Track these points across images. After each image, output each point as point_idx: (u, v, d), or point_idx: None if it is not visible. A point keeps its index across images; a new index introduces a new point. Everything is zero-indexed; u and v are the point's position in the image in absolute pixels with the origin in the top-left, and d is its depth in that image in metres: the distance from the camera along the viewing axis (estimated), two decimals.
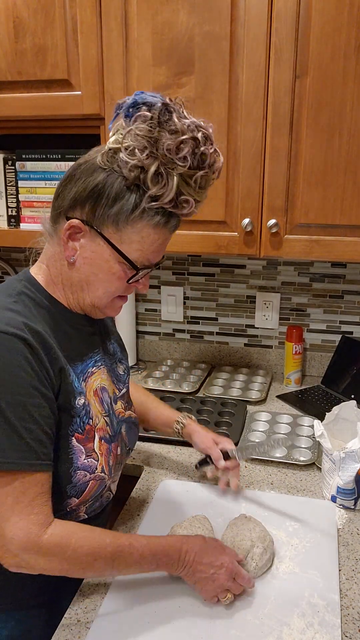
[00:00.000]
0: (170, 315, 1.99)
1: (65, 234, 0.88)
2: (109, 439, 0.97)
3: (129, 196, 0.84)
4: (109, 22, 1.39)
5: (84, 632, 0.86)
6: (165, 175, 0.82)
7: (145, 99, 0.83)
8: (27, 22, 1.44)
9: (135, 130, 0.82)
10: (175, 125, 0.81)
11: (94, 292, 0.91)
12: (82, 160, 0.89)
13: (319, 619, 0.88)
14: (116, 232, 0.86)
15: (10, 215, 1.68)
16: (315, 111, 1.33)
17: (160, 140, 0.81)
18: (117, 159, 0.84)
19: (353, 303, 1.82)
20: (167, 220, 0.87)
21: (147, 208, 0.84)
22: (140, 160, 0.81)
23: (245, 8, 1.30)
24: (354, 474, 1.13)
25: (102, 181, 0.85)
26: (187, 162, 0.82)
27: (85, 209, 0.86)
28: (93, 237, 0.87)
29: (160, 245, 0.90)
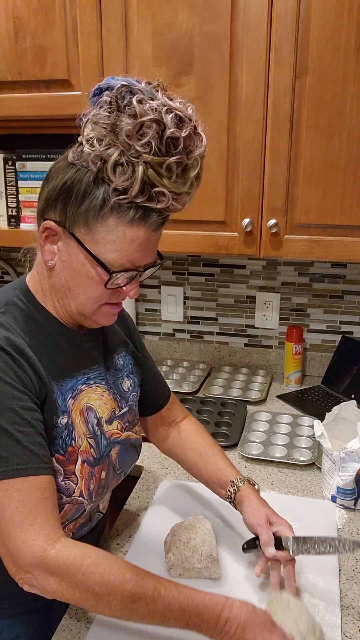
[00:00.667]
0: (170, 315, 1.99)
1: (42, 237, 0.82)
2: (92, 462, 0.89)
3: (96, 191, 0.76)
4: (109, 22, 1.39)
5: (84, 632, 0.86)
6: (129, 164, 0.73)
7: (109, 82, 0.75)
8: (27, 22, 1.44)
9: (93, 118, 0.75)
10: (134, 108, 0.72)
11: (75, 298, 0.84)
12: (60, 158, 0.83)
13: (319, 619, 0.88)
14: (88, 233, 0.79)
15: (10, 215, 1.68)
16: (315, 111, 1.33)
17: (118, 126, 0.72)
18: (82, 151, 0.77)
19: (353, 303, 1.82)
20: (145, 216, 0.78)
21: (117, 203, 0.76)
22: (99, 151, 0.74)
23: (245, 8, 1.30)
24: (354, 474, 1.13)
25: (70, 178, 0.78)
26: (152, 148, 0.72)
27: (57, 209, 0.80)
28: (67, 239, 0.81)
29: (143, 245, 0.80)
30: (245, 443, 1.41)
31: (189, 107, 0.77)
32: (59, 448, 0.84)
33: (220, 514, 1.14)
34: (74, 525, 0.90)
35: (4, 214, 1.68)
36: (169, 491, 1.22)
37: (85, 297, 0.84)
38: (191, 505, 1.17)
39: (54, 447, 0.84)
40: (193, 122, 0.76)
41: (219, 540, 1.05)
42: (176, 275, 1.96)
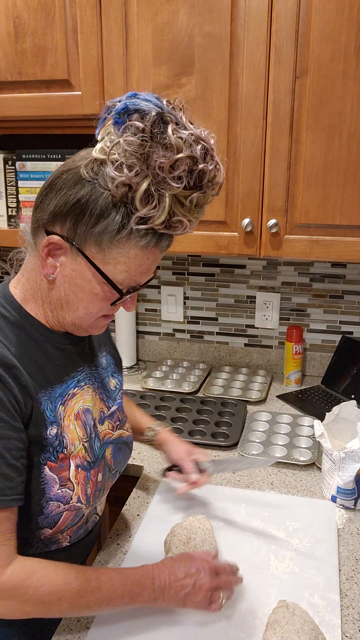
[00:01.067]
0: (170, 315, 1.99)
1: (44, 250, 0.80)
2: (87, 466, 0.89)
3: (115, 215, 0.75)
4: (109, 22, 1.39)
5: (84, 632, 0.86)
6: (157, 195, 0.73)
7: (138, 105, 0.73)
8: (27, 22, 1.44)
9: (124, 144, 0.72)
10: (170, 139, 0.71)
11: (74, 312, 0.84)
12: (65, 167, 0.80)
13: (319, 619, 0.88)
14: (99, 252, 0.78)
15: (10, 215, 1.68)
16: (315, 111, 1.33)
17: (151, 157, 0.72)
18: (104, 171, 0.75)
19: (353, 303, 1.82)
20: (158, 241, 0.79)
21: (135, 229, 0.76)
22: (128, 178, 0.72)
23: (245, 9, 1.31)
24: (354, 474, 1.13)
25: (85, 195, 0.76)
26: (183, 182, 0.73)
27: (66, 225, 0.78)
28: (74, 255, 0.80)
29: (150, 266, 0.82)
30: (245, 443, 1.41)
31: (211, 137, 0.77)
32: (50, 455, 0.84)
33: (220, 514, 1.14)
34: (71, 530, 0.90)
35: (4, 214, 1.68)
36: (169, 491, 1.22)
37: (85, 312, 0.84)
38: (191, 505, 1.17)
39: (45, 456, 0.83)
40: (215, 153, 0.76)
41: (218, 540, 1.05)
42: (176, 275, 1.96)
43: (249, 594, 0.93)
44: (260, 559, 1.02)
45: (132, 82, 1.42)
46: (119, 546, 1.05)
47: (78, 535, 0.93)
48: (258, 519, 1.12)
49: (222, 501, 1.19)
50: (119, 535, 1.08)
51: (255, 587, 0.95)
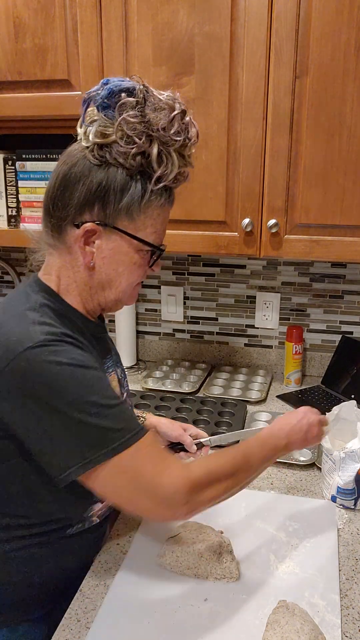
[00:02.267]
0: (170, 315, 1.99)
1: (81, 241, 0.87)
2: None
3: (135, 184, 0.84)
4: (109, 22, 1.39)
5: (84, 632, 0.86)
6: (165, 154, 0.84)
7: (120, 85, 0.82)
8: (27, 22, 1.44)
9: (128, 118, 0.81)
10: (160, 101, 0.82)
11: (117, 287, 0.92)
12: (68, 164, 0.87)
13: (319, 619, 0.88)
14: (131, 223, 0.87)
15: (10, 215, 1.68)
16: (315, 111, 1.33)
17: (153, 122, 0.81)
18: (112, 151, 0.82)
19: (353, 303, 1.82)
20: (169, 196, 0.90)
21: (154, 190, 0.86)
22: (140, 146, 0.81)
23: (245, 8, 1.31)
24: (354, 474, 1.13)
25: (103, 178, 0.84)
26: (181, 135, 0.84)
27: (95, 210, 0.85)
28: (108, 234, 0.87)
29: (166, 221, 0.93)
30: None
31: (178, 95, 0.87)
32: None
33: (220, 514, 1.14)
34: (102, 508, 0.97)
35: (4, 214, 1.68)
36: None
37: (127, 283, 0.92)
38: None
39: None
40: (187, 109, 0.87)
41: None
42: (176, 275, 1.96)
43: (249, 594, 0.93)
44: (260, 559, 1.02)
45: None
46: (119, 546, 1.05)
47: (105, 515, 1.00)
48: (258, 519, 1.12)
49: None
50: (119, 535, 1.08)
51: (255, 588, 0.95)
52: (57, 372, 0.77)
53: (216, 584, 0.95)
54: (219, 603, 0.91)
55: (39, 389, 0.77)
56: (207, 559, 0.96)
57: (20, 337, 0.79)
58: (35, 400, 0.77)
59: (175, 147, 0.84)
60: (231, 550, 0.99)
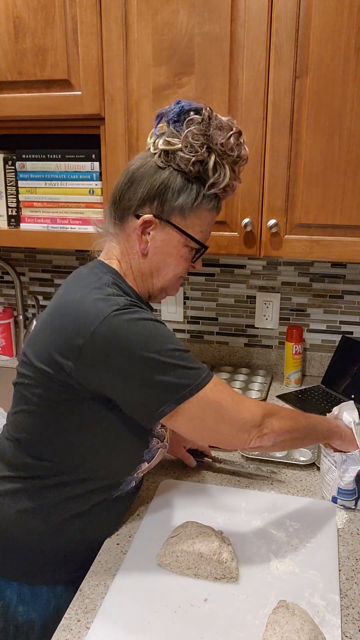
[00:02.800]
0: (170, 315, 1.99)
1: (139, 229, 1.01)
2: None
3: (192, 187, 1.00)
4: (109, 22, 1.39)
5: (84, 632, 0.86)
6: (220, 165, 1.00)
7: (191, 105, 1.01)
8: (27, 22, 1.44)
9: (194, 131, 0.97)
10: (221, 122, 1.00)
11: (164, 276, 1.06)
12: (137, 165, 1.02)
13: (319, 619, 0.88)
14: (182, 220, 1.02)
15: (10, 215, 1.68)
16: (315, 111, 1.33)
17: (214, 137, 0.98)
18: (176, 157, 0.98)
19: (353, 303, 1.82)
20: (218, 203, 1.05)
21: (206, 195, 1.01)
22: (200, 155, 0.97)
23: (245, 8, 1.31)
24: (354, 474, 1.13)
25: (165, 179, 0.99)
26: (235, 152, 1.00)
27: (154, 205, 1.00)
28: (163, 227, 1.02)
29: (212, 225, 1.08)
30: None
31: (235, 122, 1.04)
32: None
33: (220, 514, 1.14)
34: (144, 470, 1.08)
35: (4, 214, 1.68)
36: (169, 491, 1.22)
37: (173, 274, 1.06)
38: (191, 506, 1.17)
39: None
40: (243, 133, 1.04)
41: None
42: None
43: (249, 594, 0.93)
44: (260, 559, 1.02)
45: (132, 82, 1.42)
46: (119, 546, 1.05)
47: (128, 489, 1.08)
48: (258, 519, 1.12)
49: (222, 501, 1.19)
50: (118, 535, 1.08)
51: (255, 587, 0.95)
52: (142, 325, 0.90)
53: (216, 584, 0.95)
54: (219, 603, 0.91)
55: (128, 343, 0.88)
56: (207, 559, 0.96)
57: (106, 304, 0.90)
58: (126, 355, 0.88)
59: (229, 161, 1.00)
60: (231, 550, 0.99)
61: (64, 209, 1.61)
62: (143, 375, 0.89)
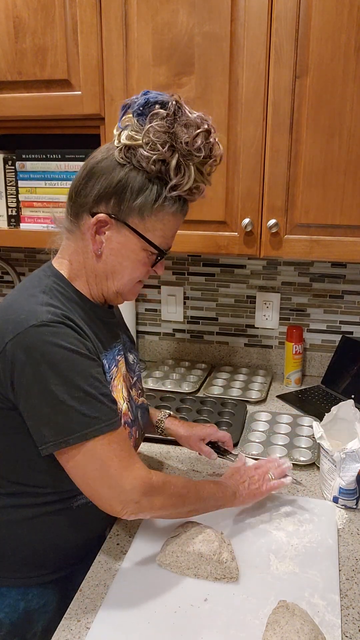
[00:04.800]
0: (170, 315, 1.99)
1: (93, 229, 0.94)
2: (130, 423, 1.03)
3: (152, 188, 0.91)
4: (109, 22, 1.39)
5: (84, 632, 0.86)
6: (184, 166, 0.90)
7: (157, 97, 0.90)
8: (27, 22, 1.44)
9: (156, 127, 0.88)
10: (189, 119, 0.89)
11: (119, 280, 0.98)
12: (98, 158, 0.94)
13: (319, 619, 0.88)
14: (141, 222, 0.94)
15: (10, 215, 1.68)
16: (315, 111, 1.33)
17: (178, 135, 0.89)
18: (137, 154, 0.90)
19: (353, 303, 1.82)
20: (183, 206, 0.97)
21: (168, 197, 0.92)
22: (162, 154, 0.89)
23: (245, 8, 1.30)
24: (355, 473, 1.13)
25: (124, 176, 0.91)
26: (202, 152, 0.90)
27: (110, 203, 0.93)
28: (119, 228, 0.94)
29: (176, 230, 0.99)
30: (245, 443, 1.41)
31: (210, 119, 0.93)
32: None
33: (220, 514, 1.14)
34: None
35: (4, 214, 1.68)
36: None
37: (129, 278, 0.99)
38: None
39: None
40: (215, 131, 0.93)
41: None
42: (176, 275, 1.96)
43: (249, 594, 0.93)
44: (260, 559, 1.02)
45: (132, 82, 1.42)
46: (119, 546, 1.05)
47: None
48: (258, 519, 1.12)
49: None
50: (118, 535, 1.08)
51: (255, 588, 0.95)
52: (54, 353, 0.84)
53: (216, 584, 0.95)
54: (219, 603, 0.91)
55: (36, 365, 0.84)
56: (207, 559, 0.96)
57: (28, 315, 0.86)
58: (32, 375, 0.84)
59: (195, 162, 0.91)
60: (231, 550, 0.99)
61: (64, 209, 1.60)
62: (37, 404, 0.85)
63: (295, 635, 0.80)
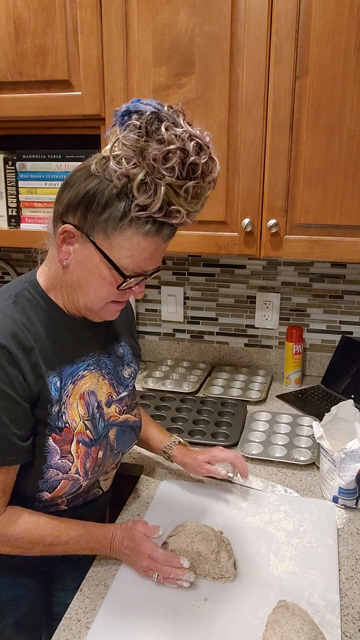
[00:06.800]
0: (170, 315, 1.99)
1: (59, 238, 0.89)
2: (88, 442, 0.99)
3: (118, 204, 0.84)
4: (109, 22, 1.39)
5: (84, 632, 0.87)
6: (153, 184, 0.81)
7: (138, 107, 0.82)
8: (27, 23, 1.44)
9: (123, 140, 0.82)
10: (163, 135, 0.80)
11: (85, 295, 0.93)
12: (80, 166, 0.90)
13: (319, 618, 0.88)
14: (106, 239, 0.87)
15: (11, 216, 1.69)
16: (315, 112, 1.33)
17: (146, 150, 0.80)
18: (107, 166, 0.84)
19: (353, 303, 1.82)
20: (159, 229, 0.87)
21: (136, 217, 0.84)
22: (126, 169, 0.81)
23: (246, 9, 1.31)
24: (355, 473, 1.13)
25: (93, 188, 0.85)
26: (175, 172, 0.81)
27: (77, 215, 0.87)
28: (84, 242, 0.89)
29: (153, 253, 0.89)
30: (245, 443, 1.41)
31: (206, 135, 0.84)
32: (55, 428, 0.94)
33: (220, 514, 1.14)
34: (68, 497, 1.00)
35: (4, 214, 1.69)
36: (169, 491, 1.22)
37: (95, 295, 0.92)
38: (191, 506, 1.17)
39: (50, 428, 0.94)
40: (210, 149, 0.84)
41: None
42: (176, 275, 1.96)
43: (249, 594, 0.93)
44: (260, 559, 1.02)
45: (132, 83, 1.42)
46: None
47: (76, 503, 1.03)
48: (258, 519, 1.13)
49: (222, 501, 1.19)
50: None
51: (255, 587, 0.95)
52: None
53: (216, 583, 0.95)
54: (219, 603, 0.91)
55: None
56: (205, 558, 0.96)
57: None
58: None
59: (167, 182, 0.81)
60: (230, 549, 0.99)
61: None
62: None
63: (295, 634, 0.80)
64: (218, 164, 0.86)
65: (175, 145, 0.80)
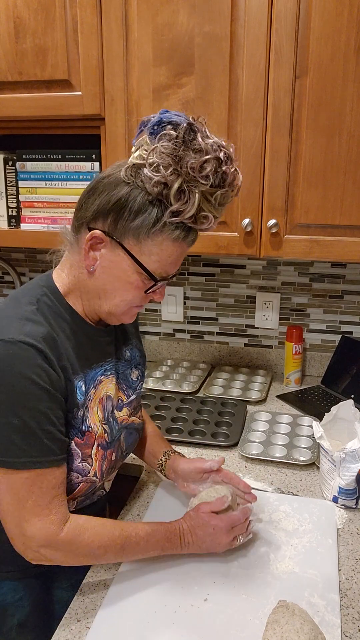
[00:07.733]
0: (171, 315, 1.99)
1: (87, 244, 0.91)
2: (105, 445, 1.01)
3: (151, 210, 0.87)
4: (109, 22, 1.39)
5: (84, 632, 0.87)
6: (188, 192, 0.85)
7: (171, 118, 0.86)
8: (27, 23, 1.44)
9: (161, 148, 0.84)
10: (200, 144, 0.84)
11: (111, 300, 0.94)
12: (106, 173, 0.92)
13: (319, 619, 0.88)
14: (136, 244, 0.89)
15: (11, 216, 1.69)
16: (315, 111, 1.33)
17: (184, 159, 0.84)
18: (141, 174, 0.86)
19: (353, 303, 1.82)
20: (186, 235, 0.90)
21: (168, 222, 0.87)
22: (164, 177, 0.84)
23: (246, 9, 1.31)
24: (355, 473, 1.13)
25: (125, 195, 0.87)
26: (210, 180, 0.85)
27: (108, 221, 0.89)
28: (113, 247, 0.90)
29: (178, 258, 0.93)
30: (245, 443, 1.41)
31: (231, 147, 0.89)
32: (78, 432, 0.95)
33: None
34: (79, 500, 1.00)
35: (4, 214, 1.69)
36: (169, 491, 1.22)
37: (121, 299, 0.94)
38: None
39: (74, 431, 0.94)
40: (235, 159, 0.88)
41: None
42: (176, 275, 1.95)
43: (249, 594, 0.93)
44: (260, 559, 1.02)
45: (132, 82, 1.42)
46: None
47: (83, 505, 1.03)
48: (258, 519, 1.12)
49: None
50: None
51: (255, 587, 0.95)
52: (8, 374, 0.84)
53: (216, 583, 0.95)
54: (219, 603, 0.91)
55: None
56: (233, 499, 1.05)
57: (3, 326, 0.87)
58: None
59: (202, 190, 0.85)
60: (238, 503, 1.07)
61: (64, 209, 1.61)
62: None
63: (295, 634, 0.80)
64: (240, 174, 0.90)
65: (210, 155, 0.84)
